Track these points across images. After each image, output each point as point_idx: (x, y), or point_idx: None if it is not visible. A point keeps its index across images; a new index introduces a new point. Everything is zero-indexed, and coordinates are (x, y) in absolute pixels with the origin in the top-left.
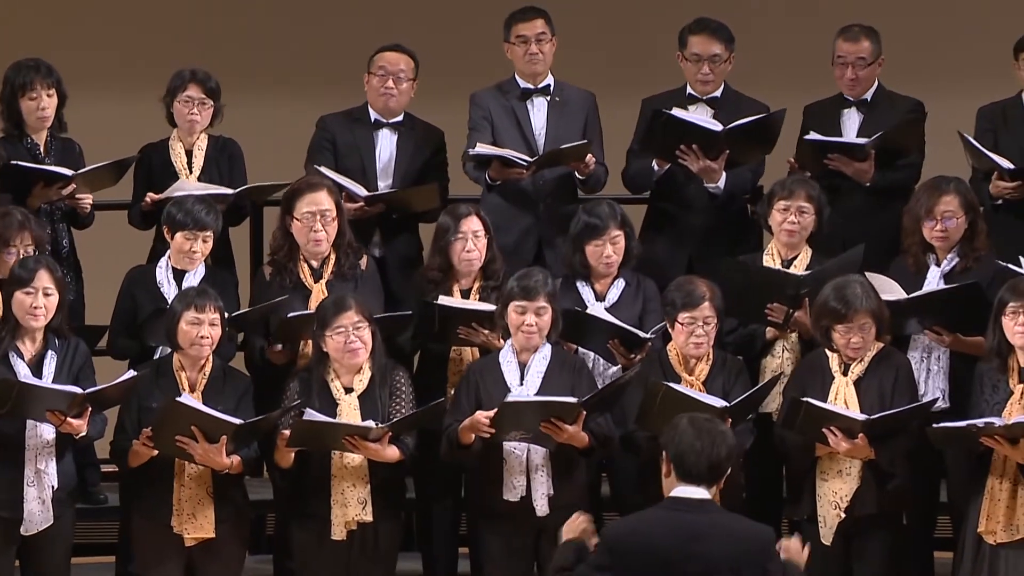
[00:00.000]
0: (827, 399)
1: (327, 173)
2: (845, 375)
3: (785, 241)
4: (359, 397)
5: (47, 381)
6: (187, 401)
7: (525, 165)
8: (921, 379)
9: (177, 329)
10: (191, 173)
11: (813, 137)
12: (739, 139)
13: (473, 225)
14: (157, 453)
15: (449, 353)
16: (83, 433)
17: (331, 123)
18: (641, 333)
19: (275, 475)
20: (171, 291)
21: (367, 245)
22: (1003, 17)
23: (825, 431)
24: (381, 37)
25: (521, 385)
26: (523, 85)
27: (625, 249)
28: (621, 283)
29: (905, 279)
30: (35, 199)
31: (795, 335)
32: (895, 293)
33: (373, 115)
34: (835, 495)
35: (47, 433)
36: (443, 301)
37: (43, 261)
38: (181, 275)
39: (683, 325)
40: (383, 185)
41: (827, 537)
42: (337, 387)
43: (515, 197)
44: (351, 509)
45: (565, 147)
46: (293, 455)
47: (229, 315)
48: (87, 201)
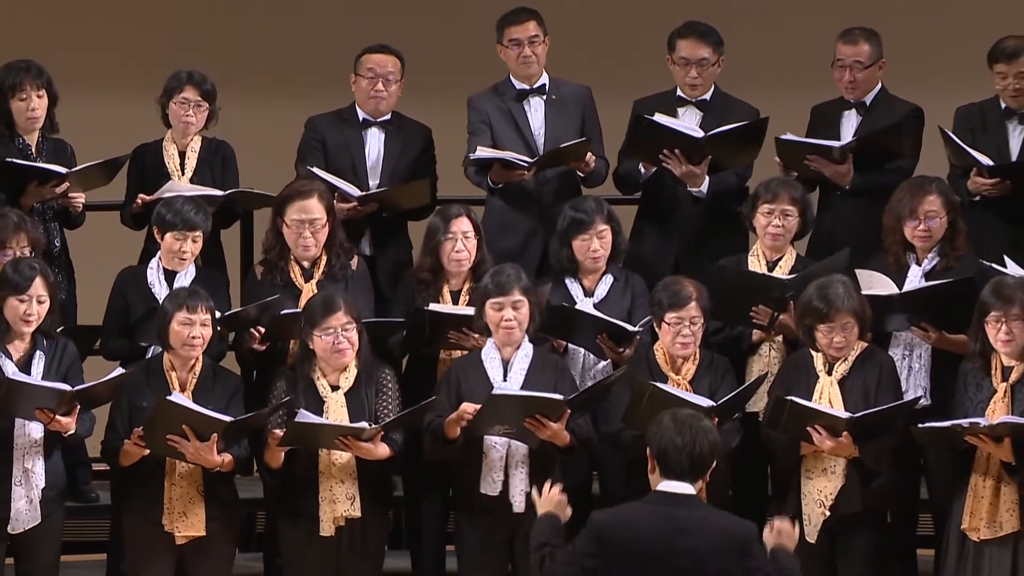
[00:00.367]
0: (812, 398)
1: (319, 174)
2: (830, 374)
3: (769, 244)
4: (345, 395)
5: (34, 379)
6: (178, 400)
7: (526, 166)
8: (902, 377)
9: (168, 329)
10: (184, 174)
11: (787, 137)
12: (723, 144)
13: (463, 226)
14: (148, 452)
15: (439, 354)
16: (72, 431)
17: (320, 123)
18: (629, 327)
19: (265, 473)
20: (162, 292)
21: (358, 245)
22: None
23: (810, 430)
24: (372, 38)
25: (504, 382)
26: (519, 86)
27: (613, 244)
28: (609, 279)
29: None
30: (29, 198)
31: (780, 337)
32: (887, 288)
33: (361, 115)
34: (820, 493)
35: (35, 432)
36: (433, 307)
37: (38, 268)
38: (172, 276)
39: (670, 325)
40: (373, 184)
41: (812, 535)
42: (323, 385)
43: (518, 199)
44: (339, 505)
45: (565, 146)
46: (282, 455)
47: (220, 315)
48: (80, 200)
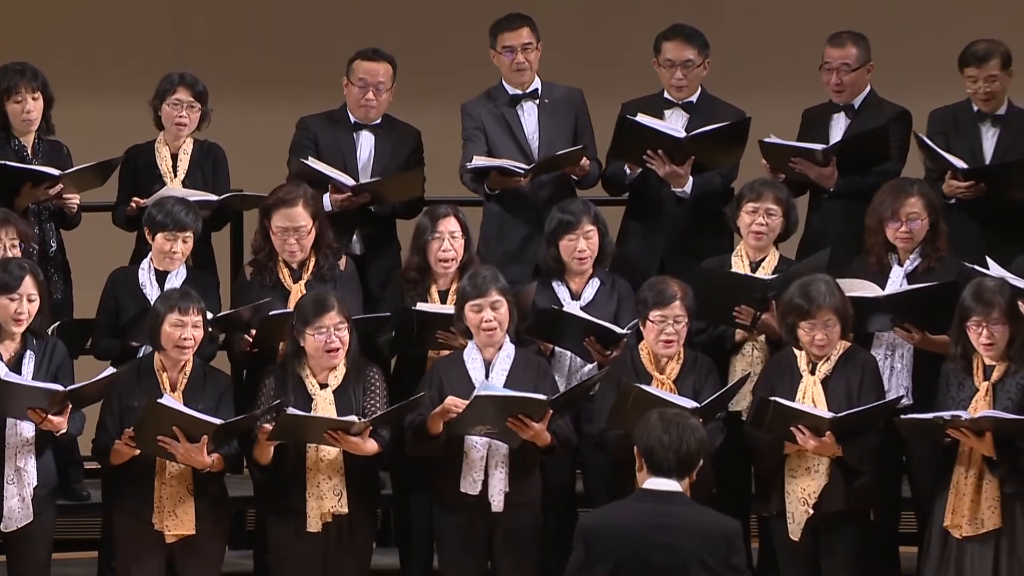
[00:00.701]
0: (795, 398)
1: (314, 165)
2: (813, 374)
3: (753, 243)
4: (334, 393)
5: (26, 380)
6: (168, 403)
7: (523, 173)
8: (885, 377)
9: (160, 331)
10: (176, 176)
11: (771, 140)
12: (706, 144)
13: (450, 225)
14: (139, 453)
15: (427, 353)
16: (64, 430)
17: (312, 123)
18: (617, 329)
19: (254, 470)
20: (153, 292)
21: (347, 244)
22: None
23: (793, 429)
24: (363, 39)
25: (487, 382)
26: (512, 91)
27: (599, 247)
28: (596, 282)
29: (867, 278)
30: (23, 199)
31: (763, 336)
32: (871, 291)
33: (352, 118)
34: (803, 492)
35: (26, 431)
36: (420, 307)
37: (28, 267)
38: (163, 276)
39: (654, 323)
40: None
41: (795, 533)
42: (312, 383)
43: (514, 203)
44: (326, 501)
45: (561, 153)
46: (272, 451)
47: (212, 316)
48: (74, 201)
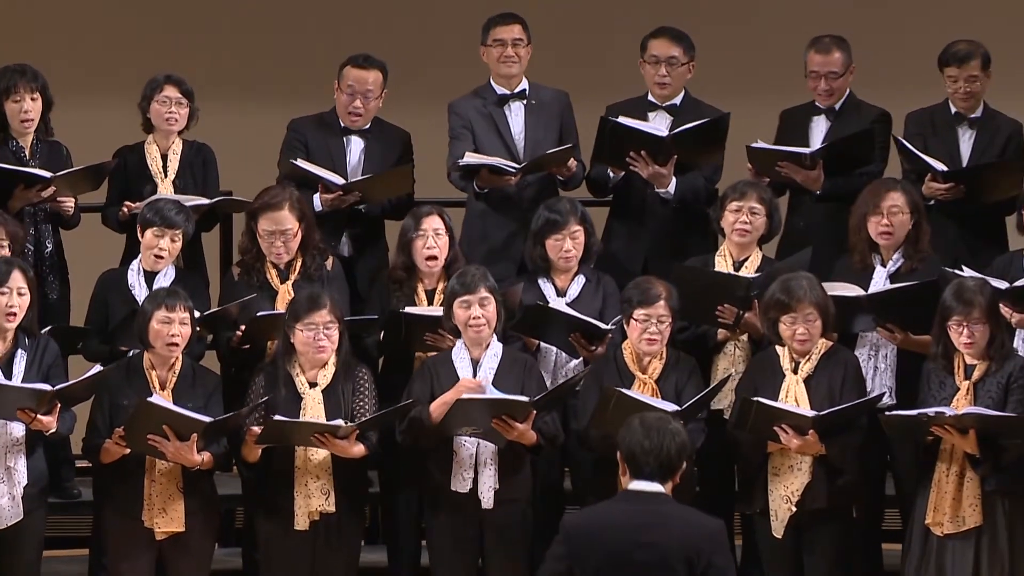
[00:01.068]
0: (778, 397)
1: (303, 165)
2: (795, 373)
3: (737, 242)
4: (323, 392)
5: (17, 380)
6: (158, 401)
7: (513, 172)
8: (868, 376)
9: (148, 328)
10: (166, 176)
11: (759, 145)
12: (688, 144)
13: (434, 223)
14: (129, 451)
15: (414, 355)
16: (53, 430)
17: (302, 126)
18: (602, 325)
19: (242, 468)
20: (142, 293)
21: (336, 246)
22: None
23: (776, 429)
24: (351, 42)
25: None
26: (499, 91)
27: (585, 246)
28: (581, 279)
29: (850, 278)
30: (16, 201)
31: (745, 336)
32: (853, 291)
33: (342, 123)
34: (786, 489)
35: (16, 431)
36: (409, 311)
37: (15, 262)
38: (152, 277)
39: (638, 322)
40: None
41: (778, 530)
42: (302, 381)
43: (499, 201)
44: (314, 500)
45: (550, 153)
46: (260, 450)
47: (200, 315)
48: (69, 204)
